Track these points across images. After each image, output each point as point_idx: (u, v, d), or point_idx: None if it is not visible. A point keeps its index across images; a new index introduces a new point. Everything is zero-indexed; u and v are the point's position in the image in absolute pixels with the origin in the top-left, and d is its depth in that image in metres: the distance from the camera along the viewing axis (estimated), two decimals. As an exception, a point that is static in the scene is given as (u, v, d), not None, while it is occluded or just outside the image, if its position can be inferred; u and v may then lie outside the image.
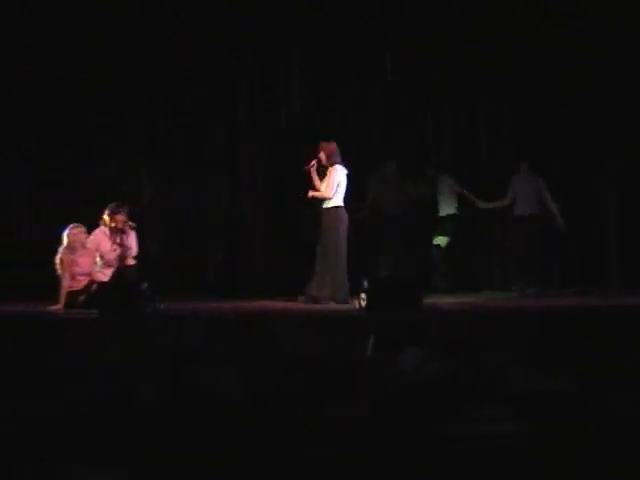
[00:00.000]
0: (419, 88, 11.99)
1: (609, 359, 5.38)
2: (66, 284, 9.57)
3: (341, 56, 11.97)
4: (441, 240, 11.56)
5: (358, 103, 12.17)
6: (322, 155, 10.05)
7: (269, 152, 12.32)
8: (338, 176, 9.99)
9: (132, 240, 10.02)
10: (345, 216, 10.02)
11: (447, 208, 11.55)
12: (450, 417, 4.12)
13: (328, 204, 10.01)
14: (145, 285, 8.81)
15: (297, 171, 11.14)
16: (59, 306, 9.52)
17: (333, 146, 10.07)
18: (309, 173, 10.10)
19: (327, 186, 9.99)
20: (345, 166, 10.08)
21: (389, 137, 12.03)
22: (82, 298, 9.52)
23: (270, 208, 12.26)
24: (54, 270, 9.64)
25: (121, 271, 9.89)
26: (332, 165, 10.04)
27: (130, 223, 9.90)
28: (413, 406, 4.30)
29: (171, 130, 12.04)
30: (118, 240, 9.91)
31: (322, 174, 10.44)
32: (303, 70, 12.06)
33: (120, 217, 9.89)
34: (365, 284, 9.12)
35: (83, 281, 9.66)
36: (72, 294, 9.57)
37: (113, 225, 9.90)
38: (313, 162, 10.00)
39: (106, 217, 9.91)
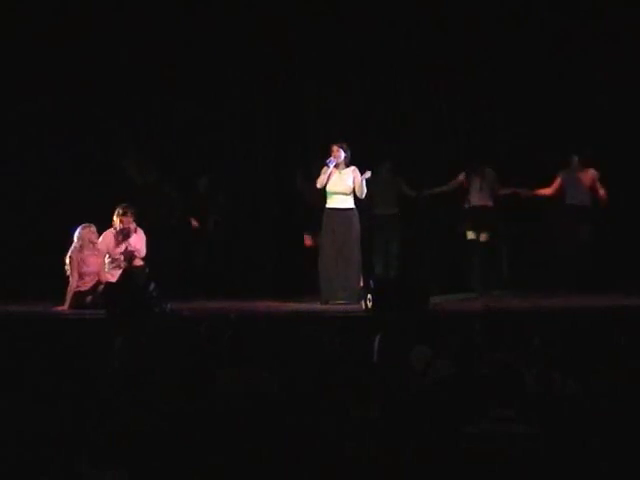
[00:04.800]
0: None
1: (621, 361, 5.37)
2: (73, 284, 9.57)
3: (354, 55, 11.94)
4: (471, 233, 11.31)
5: (358, 104, 12.12)
6: (344, 154, 9.93)
7: (274, 152, 12.30)
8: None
9: (140, 241, 10.01)
10: None
11: (488, 200, 11.25)
12: (461, 417, 4.11)
13: (352, 204, 9.98)
14: (153, 285, 8.81)
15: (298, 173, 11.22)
16: (65, 306, 9.52)
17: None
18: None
19: (364, 188, 9.96)
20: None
21: (386, 137, 11.94)
22: (89, 298, 9.52)
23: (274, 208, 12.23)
24: (63, 270, 9.65)
25: (129, 272, 9.89)
26: (349, 165, 10.00)
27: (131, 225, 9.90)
28: (425, 407, 4.30)
29: (183, 130, 12.01)
30: (124, 241, 9.92)
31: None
32: (316, 69, 12.03)
33: (126, 219, 9.89)
34: (371, 284, 9.11)
35: (90, 281, 9.65)
36: (79, 294, 9.56)
37: (120, 227, 9.92)
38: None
39: (115, 218, 9.93)
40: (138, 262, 10.03)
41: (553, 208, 11.35)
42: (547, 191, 11.24)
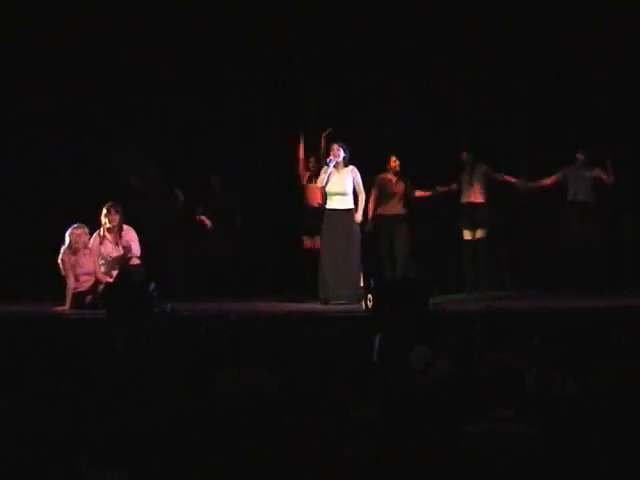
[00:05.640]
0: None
1: (621, 362, 5.37)
2: (71, 285, 9.57)
3: (355, 54, 11.93)
4: (468, 233, 11.25)
5: (364, 101, 12.12)
6: (343, 153, 9.93)
7: (274, 152, 12.28)
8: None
9: (131, 239, 9.98)
10: None
11: (479, 196, 11.20)
12: (461, 417, 4.11)
13: (352, 204, 9.98)
14: (153, 285, 8.81)
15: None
16: (65, 307, 9.52)
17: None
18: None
19: (362, 187, 9.99)
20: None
21: (394, 136, 11.93)
22: (89, 298, 9.52)
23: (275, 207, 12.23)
24: (60, 271, 9.66)
25: (126, 271, 9.87)
26: (347, 165, 10.00)
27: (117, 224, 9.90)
28: (425, 407, 4.29)
29: (183, 130, 11.99)
30: (115, 240, 9.90)
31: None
32: (316, 69, 12.02)
33: (113, 217, 9.87)
34: (372, 284, 9.11)
35: (87, 282, 9.65)
36: (78, 295, 9.57)
37: (108, 226, 9.89)
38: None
39: (102, 218, 9.90)
40: (134, 261, 10.02)
41: (555, 206, 11.32)
42: (545, 182, 11.18)
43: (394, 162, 11.09)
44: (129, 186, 11.27)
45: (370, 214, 10.81)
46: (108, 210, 9.88)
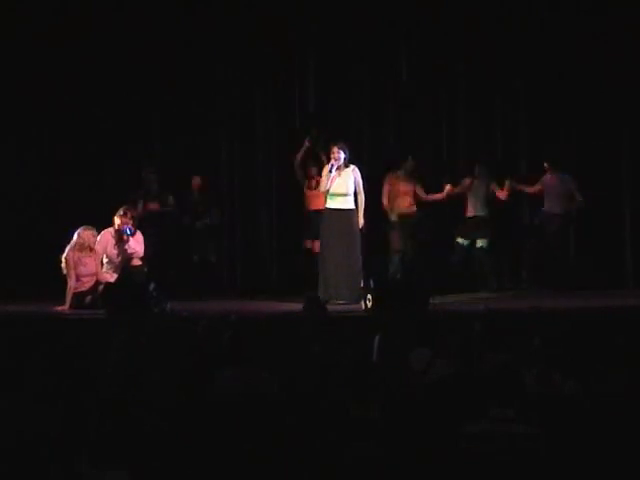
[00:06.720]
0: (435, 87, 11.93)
1: (622, 361, 5.37)
2: (72, 284, 9.59)
3: (355, 54, 11.93)
4: (483, 242, 11.33)
5: (372, 103, 12.12)
6: (343, 155, 9.91)
7: (274, 152, 12.28)
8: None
9: (138, 243, 10.01)
10: None
11: (486, 209, 11.30)
12: (461, 417, 4.11)
13: (353, 204, 9.98)
14: (153, 285, 8.82)
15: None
16: (65, 307, 9.53)
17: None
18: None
19: (362, 188, 9.99)
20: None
21: (405, 137, 11.96)
22: (89, 299, 9.53)
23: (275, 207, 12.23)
24: (61, 270, 9.67)
25: (128, 272, 9.90)
26: (348, 165, 9.99)
27: (124, 227, 9.90)
28: (425, 407, 4.30)
29: (183, 130, 11.99)
30: (121, 242, 9.91)
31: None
32: (316, 69, 12.02)
33: (126, 220, 9.91)
34: (372, 284, 9.11)
35: (88, 282, 9.66)
36: (79, 295, 9.58)
37: (119, 227, 9.92)
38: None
39: (115, 218, 9.94)
40: (137, 262, 10.04)
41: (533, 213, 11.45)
42: (530, 190, 11.31)
43: (410, 161, 11.17)
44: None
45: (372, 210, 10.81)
46: (124, 213, 9.93)
